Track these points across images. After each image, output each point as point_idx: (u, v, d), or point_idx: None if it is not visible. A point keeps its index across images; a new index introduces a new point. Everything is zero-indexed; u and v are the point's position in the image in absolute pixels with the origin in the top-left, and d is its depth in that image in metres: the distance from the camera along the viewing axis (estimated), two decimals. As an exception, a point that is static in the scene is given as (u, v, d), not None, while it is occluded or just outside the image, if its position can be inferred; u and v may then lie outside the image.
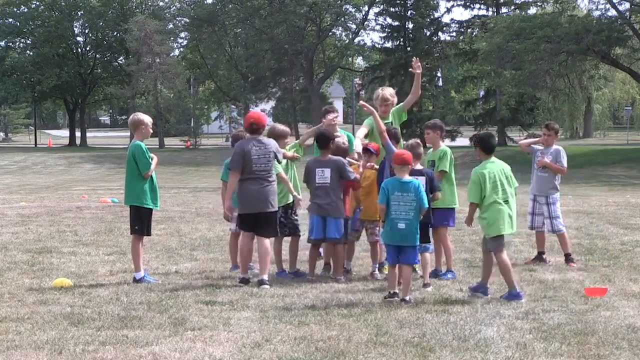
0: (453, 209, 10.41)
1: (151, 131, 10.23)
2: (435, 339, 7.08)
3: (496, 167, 9.05)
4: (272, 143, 9.88)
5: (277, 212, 10.01)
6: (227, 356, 6.62)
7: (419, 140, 9.98)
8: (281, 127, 10.79)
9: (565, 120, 72.91)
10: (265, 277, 9.62)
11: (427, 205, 8.97)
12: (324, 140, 10.11)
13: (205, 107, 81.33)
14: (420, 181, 9.20)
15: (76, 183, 35.10)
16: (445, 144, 10.74)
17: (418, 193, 8.86)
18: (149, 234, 10.18)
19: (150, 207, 9.98)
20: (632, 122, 79.51)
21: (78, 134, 75.95)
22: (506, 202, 8.98)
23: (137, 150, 9.86)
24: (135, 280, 9.78)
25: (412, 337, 7.14)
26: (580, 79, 52.94)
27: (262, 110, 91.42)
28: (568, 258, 11.30)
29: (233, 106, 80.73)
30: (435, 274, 10.15)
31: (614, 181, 36.62)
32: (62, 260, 11.51)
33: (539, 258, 11.46)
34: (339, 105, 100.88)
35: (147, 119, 10.14)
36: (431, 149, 10.59)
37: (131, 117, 10.28)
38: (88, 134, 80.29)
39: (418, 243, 8.96)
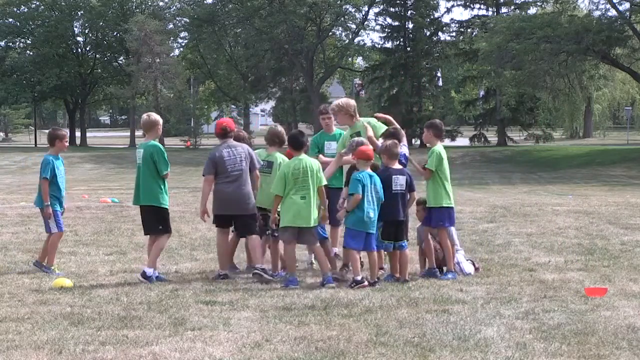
0: (447, 208, 10.35)
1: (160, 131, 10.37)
2: (435, 339, 7.08)
3: (302, 163, 9.76)
4: (244, 147, 10.29)
5: (255, 212, 10.26)
6: (227, 356, 6.62)
7: (396, 141, 10.09)
8: (278, 129, 10.91)
9: (565, 120, 72.94)
10: (258, 265, 9.98)
11: (383, 198, 9.72)
12: (297, 142, 10.15)
13: (205, 107, 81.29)
14: (400, 180, 9.91)
15: (76, 183, 35.07)
16: (440, 144, 10.49)
17: (380, 186, 9.72)
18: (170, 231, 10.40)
19: (166, 207, 10.18)
20: (632, 122, 79.50)
21: (78, 133, 75.90)
22: (303, 197, 9.66)
23: (157, 151, 10.00)
24: (146, 277, 9.75)
25: (412, 337, 7.14)
26: (580, 79, 52.94)
27: (262, 110, 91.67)
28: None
29: (233, 106, 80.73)
30: (433, 273, 10.13)
31: (614, 181, 36.61)
32: (62, 260, 11.50)
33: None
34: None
35: (160, 119, 10.35)
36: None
37: (146, 117, 10.25)
38: (88, 134, 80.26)
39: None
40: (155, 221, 10.10)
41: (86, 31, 75.86)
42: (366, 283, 9.45)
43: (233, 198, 10.07)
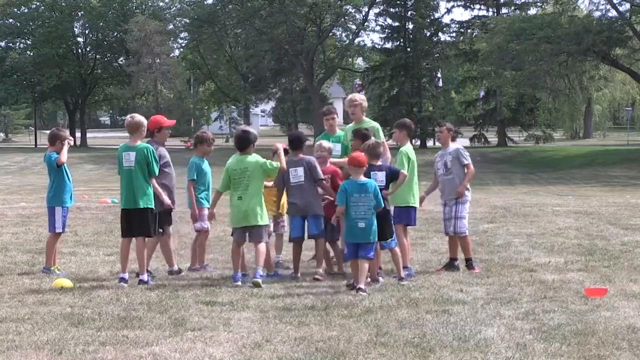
0: (409, 207, 10.43)
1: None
2: (435, 339, 7.08)
3: (240, 163, 9.77)
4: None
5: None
6: (227, 356, 6.62)
7: (378, 141, 10.11)
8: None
9: (565, 120, 72.97)
10: (144, 276, 9.80)
11: (382, 205, 9.39)
12: (297, 142, 10.33)
13: (206, 107, 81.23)
14: (380, 176, 9.68)
15: (76, 183, 34.90)
16: (409, 144, 10.69)
17: (376, 194, 9.30)
18: None
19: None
20: (632, 122, 79.54)
21: (78, 134, 75.81)
22: (240, 198, 9.74)
23: (152, 152, 9.95)
24: (143, 282, 9.73)
25: (412, 338, 7.14)
26: (581, 80, 52.99)
27: (262, 110, 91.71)
28: (468, 263, 10.70)
29: (233, 107, 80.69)
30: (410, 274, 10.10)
31: (614, 182, 36.62)
32: (62, 261, 11.50)
33: (451, 265, 10.79)
34: (338, 106, 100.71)
35: (145, 120, 10.22)
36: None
37: (131, 119, 10.12)
38: (88, 135, 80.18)
39: (376, 239, 9.36)
40: (152, 222, 10.03)
41: (86, 32, 75.89)
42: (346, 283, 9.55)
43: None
